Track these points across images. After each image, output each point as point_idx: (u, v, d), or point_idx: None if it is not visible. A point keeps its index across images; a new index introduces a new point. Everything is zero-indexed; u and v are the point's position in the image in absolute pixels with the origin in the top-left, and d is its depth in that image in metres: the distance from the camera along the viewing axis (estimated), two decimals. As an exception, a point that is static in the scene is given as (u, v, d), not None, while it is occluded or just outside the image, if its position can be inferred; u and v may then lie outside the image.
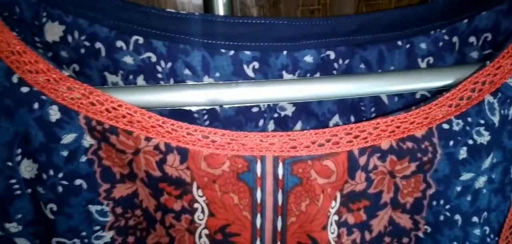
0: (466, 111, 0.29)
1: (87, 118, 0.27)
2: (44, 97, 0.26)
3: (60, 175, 0.28)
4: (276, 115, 0.33)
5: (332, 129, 0.29)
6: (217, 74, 0.31)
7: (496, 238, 0.33)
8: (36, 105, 0.26)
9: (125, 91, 0.28)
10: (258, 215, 0.30)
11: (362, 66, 0.32)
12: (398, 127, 0.29)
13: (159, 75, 0.31)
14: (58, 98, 0.26)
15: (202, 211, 0.30)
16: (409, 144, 0.29)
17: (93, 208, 0.29)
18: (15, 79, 0.26)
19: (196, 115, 0.32)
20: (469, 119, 0.29)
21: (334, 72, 0.32)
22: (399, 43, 0.31)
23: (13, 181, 0.28)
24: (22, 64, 0.26)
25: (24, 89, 0.26)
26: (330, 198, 0.30)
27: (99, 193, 0.29)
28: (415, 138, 0.29)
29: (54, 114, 0.26)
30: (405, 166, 0.30)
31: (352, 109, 0.32)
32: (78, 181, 0.28)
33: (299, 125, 0.33)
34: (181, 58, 0.31)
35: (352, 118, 0.33)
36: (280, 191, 0.30)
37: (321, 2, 0.39)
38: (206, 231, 0.30)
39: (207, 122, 0.32)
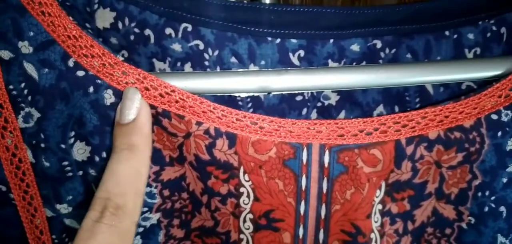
0: None
1: None
2: (99, 81, 0.27)
3: None
4: (319, 104, 0.33)
5: (380, 118, 0.29)
6: (263, 62, 0.31)
7: (541, 232, 0.33)
8: (91, 89, 0.27)
9: (176, 77, 0.28)
10: (302, 202, 0.30)
11: (409, 55, 0.31)
12: (446, 116, 0.29)
13: (206, 63, 0.31)
14: (113, 82, 0.27)
15: (248, 196, 0.30)
16: (457, 134, 0.29)
17: None
18: (71, 63, 0.27)
19: (240, 102, 0.32)
20: (519, 111, 0.29)
21: (381, 61, 0.32)
22: (447, 33, 0.31)
23: (66, 163, 0.28)
24: (78, 48, 0.27)
25: (80, 73, 0.27)
26: (375, 187, 0.30)
27: (148, 175, 0.30)
28: (463, 128, 0.29)
29: (109, 97, 0.27)
30: (452, 156, 0.30)
31: (397, 99, 0.32)
32: None
33: (342, 114, 0.33)
34: (228, 46, 0.31)
35: (397, 108, 0.32)
36: (325, 178, 0.30)
37: (362, -8, 0.39)
38: (250, 216, 0.30)
39: (251, 110, 0.32)
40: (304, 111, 0.33)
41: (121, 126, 0.26)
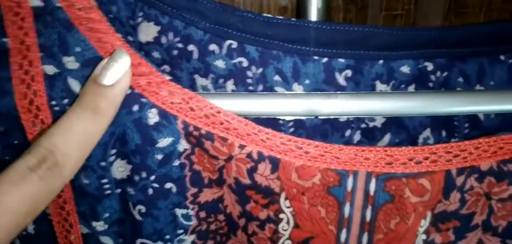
0: None
1: (185, 122, 0.27)
2: (144, 100, 0.26)
3: (152, 177, 0.28)
4: (363, 125, 0.32)
5: (431, 147, 0.28)
6: (307, 81, 0.30)
7: None
8: (135, 107, 0.26)
9: (220, 97, 0.27)
10: (344, 230, 0.29)
11: (460, 79, 0.30)
12: (500, 148, 0.28)
13: (249, 80, 0.30)
14: (158, 102, 0.26)
15: (288, 222, 0.29)
16: (510, 166, 0.28)
17: (179, 211, 0.29)
18: None
19: (281, 121, 0.31)
20: None
21: (431, 84, 0.30)
22: (502, 57, 0.30)
23: (104, 180, 0.28)
24: None
25: None
26: (420, 216, 0.29)
27: (186, 197, 0.29)
28: None
29: (153, 117, 0.26)
30: (503, 189, 0.29)
31: (445, 124, 0.31)
32: (168, 185, 0.28)
33: (387, 137, 0.32)
34: (272, 64, 0.30)
35: (444, 133, 0.31)
36: (369, 207, 0.29)
37: (404, 8, 0.37)
38: (289, 242, 0.30)
39: (291, 130, 0.31)
40: (348, 132, 0.32)
41: (96, 85, 0.24)
